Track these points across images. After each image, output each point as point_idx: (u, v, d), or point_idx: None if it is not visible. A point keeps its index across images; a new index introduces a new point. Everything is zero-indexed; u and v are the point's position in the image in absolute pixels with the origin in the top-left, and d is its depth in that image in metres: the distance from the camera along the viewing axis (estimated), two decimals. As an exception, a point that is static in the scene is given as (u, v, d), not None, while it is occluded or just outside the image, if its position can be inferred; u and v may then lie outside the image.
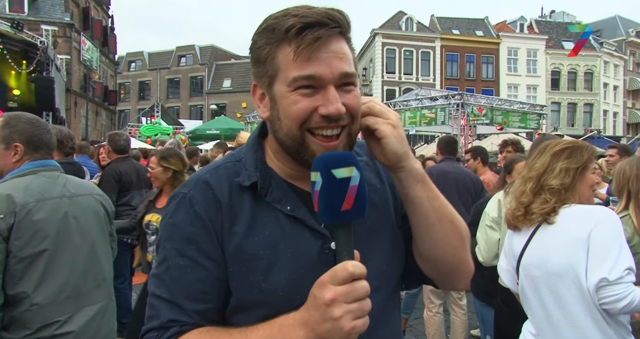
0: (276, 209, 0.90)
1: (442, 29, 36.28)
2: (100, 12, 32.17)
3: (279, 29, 0.83)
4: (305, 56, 0.82)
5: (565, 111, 36.99)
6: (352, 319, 0.71)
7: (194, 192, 0.92)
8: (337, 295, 0.71)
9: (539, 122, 18.03)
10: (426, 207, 0.91)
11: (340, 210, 0.74)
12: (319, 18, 0.82)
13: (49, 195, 1.86)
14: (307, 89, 0.83)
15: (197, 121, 32.96)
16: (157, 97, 41.90)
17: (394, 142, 0.86)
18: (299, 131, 0.85)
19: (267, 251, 0.88)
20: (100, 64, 30.59)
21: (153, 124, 21.47)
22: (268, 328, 0.79)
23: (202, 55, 45.27)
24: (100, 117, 31.58)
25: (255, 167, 0.93)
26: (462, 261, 0.98)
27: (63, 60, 22.78)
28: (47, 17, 26.00)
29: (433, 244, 0.93)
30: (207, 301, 0.88)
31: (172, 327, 0.86)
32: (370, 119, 0.88)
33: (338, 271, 0.72)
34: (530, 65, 36.73)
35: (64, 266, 1.82)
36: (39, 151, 1.93)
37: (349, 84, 0.86)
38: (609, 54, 37.77)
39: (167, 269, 0.89)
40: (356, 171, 0.75)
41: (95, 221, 2.02)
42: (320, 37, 0.81)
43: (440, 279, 1.01)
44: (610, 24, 41.18)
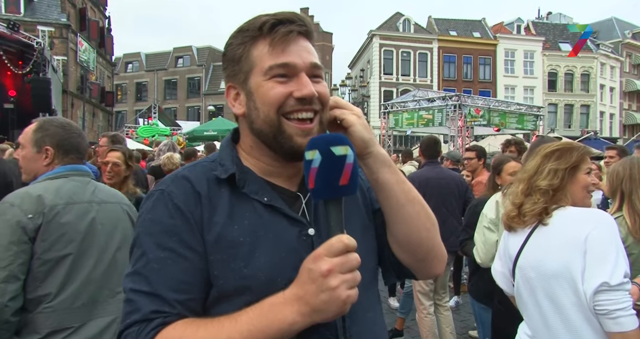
0: (254, 199, 0.94)
1: (440, 31, 36.38)
2: (97, 13, 32.11)
3: (253, 27, 0.93)
4: (279, 48, 0.91)
5: (562, 112, 37.14)
6: (347, 288, 0.77)
7: (172, 187, 0.94)
8: (334, 266, 0.76)
9: (536, 123, 18.09)
10: (396, 190, 0.96)
11: (338, 185, 0.80)
12: (289, 16, 0.93)
13: (79, 199, 1.85)
14: (282, 77, 0.91)
15: (194, 122, 32.92)
16: (154, 98, 41.83)
17: (360, 129, 0.94)
18: (276, 115, 0.91)
19: (247, 238, 0.90)
20: (97, 65, 30.52)
21: (150, 126, 21.43)
22: (257, 309, 0.80)
23: (199, 56, 45.25)
24: (97, 118, 31.50)
25: (232, 162, 0.98)
26: (436, 243, 1.03)
27: (60, 61, 22.72)
28: (44, 17, 25.93)
29: (407, 224, 0.98)
30: (190, 291, 0.88)
31: (156, 318, 0.84)
32: (337, 111, 0.97)
33: (334, 244, 0.77)
34: (527, 67, 36.87)
35: (84, 272, 1.79)
36: (69, 155, 1.94)
37: (317, 76, 0.95)
38: (606, 55, 37.96)
39: (146, 263, 0.88)
40: (350, 150, 0.81)
41: (120, 230, 1.99)
42: (292, 31, 0.91)
43: (418, 266, 1.05)
44: (607, 25, 41.39)
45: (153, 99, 39.34)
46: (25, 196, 1.74)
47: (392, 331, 4.59)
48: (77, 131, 2.00)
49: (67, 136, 1.95)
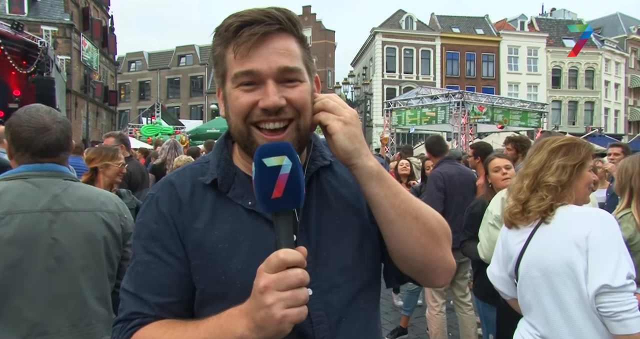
0: (237, 204, 0.93)
1: (442, 28, 36.24)
2: (100, 13, 32.18)
3: (223, 30, 0.87)
4: (244, 53, 0.84)
5: (566, 109, 36.95)
6: (283, 307, 0.72)
7: (160, 192, 0.97)
8: (269, 282, 0.72)
9: (539, 120, 18.02)
10: (384, 204, 0.89)
11: (271, 198, 0.76)
12: (256, 16, 0.84)
13: (27, 207, 1.52)
14: (249, 85, 0.86)
15: (197, 121, 32.96)
16: (157, 97, 41.94)
17: (342, 139, 0.86)
18: (244, 126, 0.88)
19: (225, 244, 0.90)
20: (100, 64, 30.60)
21: (153, 124, 21.48)
22: (216, 319, 0.82)
23: (202, 55, 45.28)
24: (101, 117, 31.61)
25: (217, 166, 0.96)
26: (435, 258, 0.94)
27: (63, 61, 22.80)
28: (47, 17, 26.01)
29: (397, 240, 0.92)
30: (170, 294, 0.92)
31: (135, 319, 0.90)
32: (322, 115, 0.89)
33: (271, 259, 0.74)
34: (530, 64, 36.69)
35: (23, 298, 1.47)
36: (18, 152, 1.62)
37: (292, 80, 0.87)
38: (610, 51, 37.71)
39: (134, 265, 0.95)
40: (288, 160, 0.76)
41: (87, 245, 1.62)
42: (256, 33, 0.83)
43: (416, 277, 1.00)
44: (612, 21, 41.11)
45: (156, 98, 39.44)
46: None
47: (397, 329, 4.59)
48: (35, 124, 1.60)
49: (19, 129, 1.61)
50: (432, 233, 0.93)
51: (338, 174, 1.02)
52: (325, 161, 1.00)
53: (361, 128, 0.91)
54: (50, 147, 1.63)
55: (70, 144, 1.72)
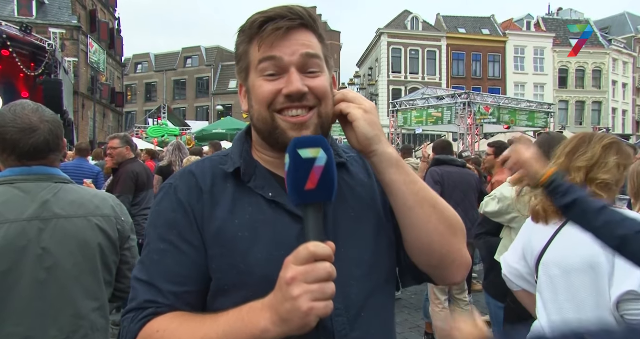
0: (258, 194, 0.93)
1: (448, 28, 36.13)
2: (107, 15, 32.42)
3: (247, 27, 0.92)
4: (268, 44, 0.88)
5: (573, 110, 36.69)
6: (310, 299, 0.71)
7: (179, 182, 0.97)
8: (297, 274, 0.72)
9: (546, 120, 17.91)
10: (403, 191, 0.90)
11: (304, 189, 0.76)
12: (280, 12, 0.89)
13: (13, 216, 1.42)
14: (272, 75, 0.89)
15: (203, 122, 33.08)
16: (163, 98, 42.16)
17: (364, 125, 0.89)
18: (268, 113, 0.90)
19: (246, 233, 0.90)
20: (107, 66, 30.83)
21: (160, 126, 21.59)
22: (237, 312, 0.80)
23: (208, 56, 45.47)
24: (108, 119, 31.82)
25: (240, 156, 0.98)
26: (452, 250, 0.94)
27: (71, 63, 23.01)
28: (55, 20, 26.27)
29: (417, 229, 0.92)
30: (185, 284, 0.90)
31: (149, 308, 0.88)
32: (343, 104, 0.92)
33: (300, 251, 0.73)
34: (537, 64, 36.48)
35: (10, 313, 1.39)
36: (4, 156, 1.51)
37: (314, 71, 0.91)
38: (618, 51, 37.40)
39: (148, 253, 0.93)
40: (323, 152, 0.77)
41: (80, 253, 1.52)
42: (281, 27, 0.87)
43: (434, 272, 0.99)
44: (619, 20, 40.78)
45: (162, 100, 39.65)
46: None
47: (426, 335, 4.60)
48: (20, 124, 1.48)
49: (3, 130, 1.48)
50: (449, 223, 0.94)
51: (353, 173, 1.02)
52: (341, 159, 1.01)
53: (379, 119, 0.93)
54: (37, 148, 1.51)
55: (61, 145, 1.61)
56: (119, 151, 4.48)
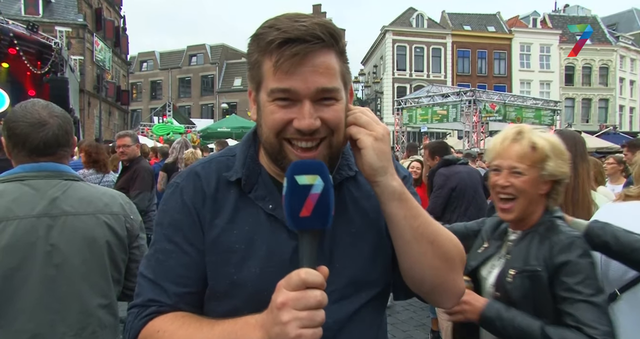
0: (258, 206, 0.94)
1: (453, 25, 35.93)
2: (113, 13, 32.53)
3: (263, 40, 0.86)
4: (284, 70, 0.84)
5: (579, 107, 36.41)
6: (298, 327, 0.72)
7: (185, 182, 0.98)
8: (288, 300, 0.73)
9: (553, 118, 17.80)
10: (402, 225, 0.90)
11: (299, 216, 0.76)
12: (300, 34, 0.83)
13: (23, 213, 1.43)
14: (284, 101, 0.86)
15: (208, 120, 33.16)
16: (168, 96, 42.28)
17: (371, 155, 0.86)
18: (276, 140, 0.88)
19: (242, 246, 0.91)
20: (112, 64, 30.95)
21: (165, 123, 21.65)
22: (232, 324, 0.82)
23: (212, 54, 45.52)
24: (113, 116, 31.98)
25: (243, 164, 0.97)
26: (444, 281, 0.95)
27: (76, 61, 23.12)
28: (61, 18, 26.41)
29: (410, 261, 0.93)
30: (188, 285, 0.92)
31: (152, 306, 0.91)
32: (353, 129, 0.89)
33: (292, 277, 0.74)
34: (543, 61, 36.22)
35: (22, 308, 1.40)
36: (15, 149, 1.53)
37: (329, 98, 0.87)
38: (625, 48, 37.04)
39: (154, 252, 0.96)
40: (320, 180, 0.76)
41: (88, 250, 1.53)
42: (298, 53, 0.83)
43: (425, 296, 1.01)
44: (627, 17, 40.38)
45: (167, 97, 39.77)
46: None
47: (432, 333, 4.60)
48: (30, 119, 1.52)
49: (13, 124, 1.51)
50: (446, 257, 0.94)
51: (361, 184, 1.01)
52: (351, 172, 1.00)
53: (390, 146, 0.92)
54: (47, 143, 1.53)
55: (70, 140, 1.63)
56: (132, 148, 4.51)
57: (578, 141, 2.76)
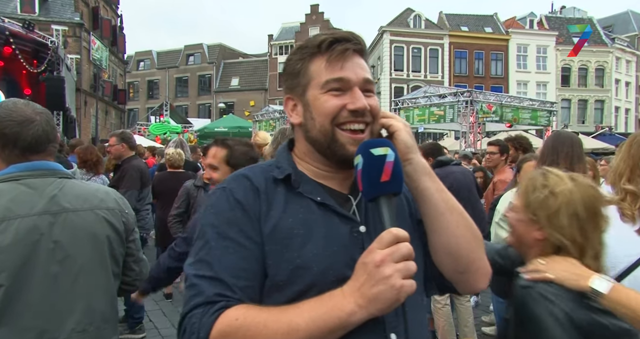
0: (307, 198, 1.00)
1: (451, 26, 36.02)
2: (110, 12, 32.42)
3: (312, 45, 1.02)
4: (336, 63, 0.99)
5: (575, 108, 36.57)
6: (400, 277, 0.79)
7: (233, 185, 1.01)
8: (386, 255, 0.80)
9: (549, 119, 17.85)
10: (436, 198, 0.99)
11: (380, 181, 0.87)
12: (345, 35, 1.02)
13: (23, 211, 1.43)
14: (337, 91, 0.99)
15: (205, 120, 33.12)
16: (165, 96, 42.17)
17: (404, 134, 1.00)
18: (330, 126, 0.99)
19: (301, 230, 0.95)
20: (109, 63, 30.83)
21: (162, 123, 21.61)
22: (317, 300, 0.85)
23: (210, 53, 45.45)
24: (110, 116, 31.87)
25: (289, 164, 1.05)
26: (477, 257, 1.02)
27: (73, 60, 23.02)
28: (58, 17, 26.29)
29: (446, 233, 0.99)
30: (249, 278, 0.92)
31: (219, 301, 0.87)
32: (384, 119, 1.03)
33: (384, 236, 0.82)
34: (540, 62, 36.36)
35: (28, 306, 1.40)
36: (6, 151, 1.51)
37: (369, 90, 1.02)
38: (621, 49, 37.23)
39: (209, 250, 0.93)
40: (391, 150, 0.90)
41: (90, 246, 1.55)
42: (348, 49, 1.00)
43: (460, 279, 1.04)
44: (623, 19, 40.59)
45: (164, 97, 39.67)
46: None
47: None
48: (17, 117, 1.50)
49: (3, 126, 1.49)
50: (473, 230, 1.02)
51: None
52: None
53: None
54: (38, 140, 1.52)
55: (56, 135, 1.62)
56: (115, 148, 4.55)
57: (575, 142, 2.79)
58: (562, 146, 2.73)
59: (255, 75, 43.65)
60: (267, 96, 40.60)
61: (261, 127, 21.35)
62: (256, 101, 40.33)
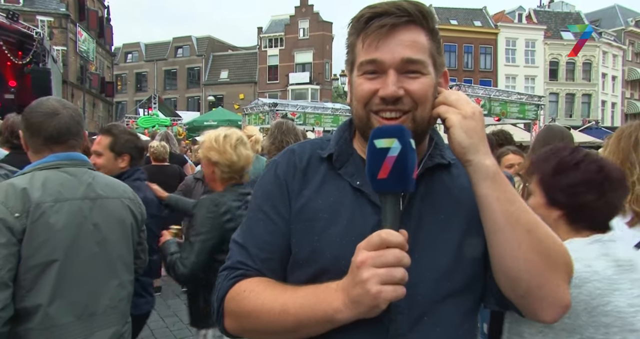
0: (345, 180, 0.96)
1: (440, 19, 36.04)
2: (96, 3, 31.85)
3: (355, 20, 0.92)
4: (371, 43, 0.88)
5: (563, 102, 36.99)
6: (378, 283, 0.75)
7: (281, 158, 1.04)
8: (367, 258, 0.76)
9: (537, 113, 18.04)
10: (494, 208, 0.84)
11: (377, 178, 0.78)
12: (387, 8, 0.87)
13: (70, 195, 1.58)
14: (372, 74, 0.89)
15: (194, 113, 32.83)
16: (154, 88, 41.69)
17: (459, 133, 0.85)
18: (364, 111, 0.92)
19: (325, 215, 0.94)
20: (96, 55, 30.37)
21: (150, 116, 21.40)
22: (314, 288, 0.87)
23: (199, 46, 44.95)
24: (98, 108, 31.44)
25: (337, 143, 1.01)
26: (544, 284, 0.85)
27: (59, 52, 22.61)
28: (43, 7, 25.76)
29: (503, 252, 0.85)
30: (271, 251, 0.97)
31: (240, 269, 0.96)
32: (442, 108, 0.89)
33: (372, 237, 0.77)
34: (528, 56, 36.63)
35: (75, 282, 1.55)
36: (35, 139, 1.64)
37: (414, 71, 0.88)
38: (608, 44, 37.66)
39: (247, 220, 1.03)
40: (398, 143, 0.77)
41: (119, 230, 1.73)
42: (385, 24, 0.86)
43: (519, 303, 0.90)
44: (610, 13, 40.98)
45: (153, 90, 39.21)
46: (9, 189, 1.48)
47: None
48: (44, 108, 1.64)
49: (29, 115, 1.65)
50: (546, 253, 0.85)
51: (455, 176, 0.98)
52: (444, 160, 0.98)
53: (484, 124, 0.89)
54: (60, 131, 1.65)
55: (80, 131, 1.73)
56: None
57: (566, 137, 2.84)
58: (553, 140, 2.78)
59: (245, 68, 43.31)
60: (257, 89, 40.36)
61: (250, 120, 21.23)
62: (245, 94, 40.06)
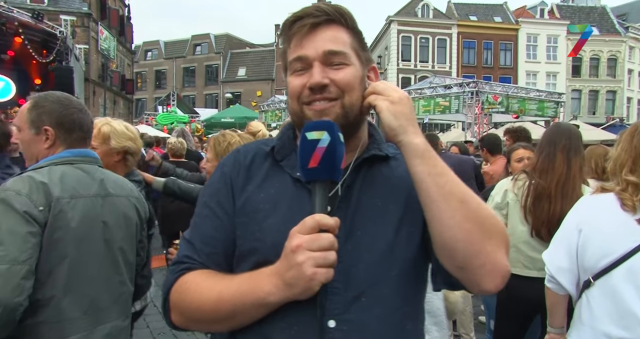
0: (286, 173, 1.02)
1: (459, 16, 35.55)
2: (117, 2, 32.44)
3: (282, 27, 1.01)
4: (296, 42, 0.98)
5: (586, 99, 36.07)
6: (313, 265, 0.80)
7: (227, 157, 1.11)
8: (302, 242, 0.81)
9: (556, 110, 17.68)
10: (427, 183, 0.88)
11: (307, 167, 0.86)
12: (307, 10, 0.98)
13: (84, 192, 1.60)
14: (300, 71, 0.98)
15: (212, 110, 33.21)
16: (172, 86, 42.28)
17: (387, 116, 0.92)
18: (297, 105, 0.99)
19: (266, 205, 0.99)
20: (117, 53, 30.96)
21: (169, 113, 21.75)
22: (249, 275, 0.92)
23: (217, 43, 45.38)
24: (118, 106, 32.10)
25: (279, 138, 1.08)
26: (480, 251, 0.86)
27: (81, 50, 23.13)
28: (66, 7, 26.39)
29: (439, 224, 0.88)
30: (215, 245, 1.02)
31: (185, 263, 1.01)
32: (371, 97, 0.97)
33: (307, 221, 0.83)
34: (550, 52, 35.81)
35: (84, 277, 1.57)
36: (72, 134, 1.66)
37: (338, 63, 0.96)
38: (635, 38, 36.51)
39: (195, 216, 1.07)
40: (327, 135, 0.86)
41: (126, 228, 1.74)
42: (305, 24, 0.96)
43: (461, 275, 0.92)
44: (637, 7, 39.72)
45: (172, 87, 39.78)
46: (31, 183, 1.48)
47: None
48: (77, 105, 1.70)
49: (67, 111, 1.65)
50: (479, 221, 0.87)
51: (394, 167, 1.04)
52: (381, 152, 1.04)
53: (412, 108, 0.95)
54: (91, 128, 1.75)
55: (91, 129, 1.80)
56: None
57: (573, 134, 2.81)
58: (560, 138, 2.73)
59: (262, 65, 43.55)
60: (274, 86, 40.54)
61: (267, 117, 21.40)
62: (263, 91, 40.30)
